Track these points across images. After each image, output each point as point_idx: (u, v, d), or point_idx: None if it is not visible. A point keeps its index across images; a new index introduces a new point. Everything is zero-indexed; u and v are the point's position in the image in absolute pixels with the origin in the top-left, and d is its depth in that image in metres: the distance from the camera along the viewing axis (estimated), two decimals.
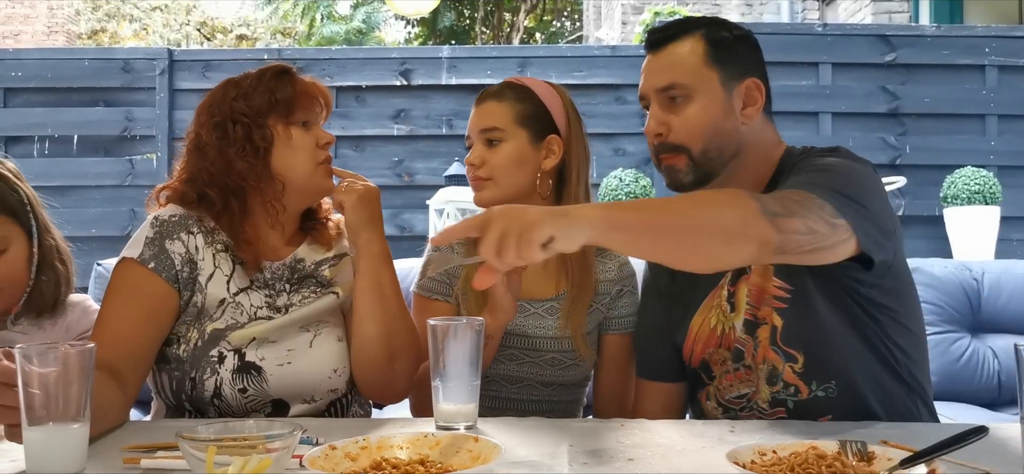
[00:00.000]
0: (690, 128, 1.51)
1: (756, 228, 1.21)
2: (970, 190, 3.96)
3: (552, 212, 1.15)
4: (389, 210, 4.41)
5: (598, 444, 1.29)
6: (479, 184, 1.76)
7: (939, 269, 3.00)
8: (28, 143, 4.50)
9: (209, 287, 1.59)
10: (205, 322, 1.57)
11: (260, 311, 1.61)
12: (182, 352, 1.56)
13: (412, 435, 1.21)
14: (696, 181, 1.53)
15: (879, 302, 1.47)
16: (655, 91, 1.55)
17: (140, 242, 1.58)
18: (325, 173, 1.66)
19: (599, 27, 13.13)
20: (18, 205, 1.66)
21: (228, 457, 0.99)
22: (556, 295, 1.78)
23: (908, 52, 4.45)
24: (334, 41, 15.33)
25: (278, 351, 1.58)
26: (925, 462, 1.07)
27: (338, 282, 1.70)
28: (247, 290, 1.62)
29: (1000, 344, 2.95)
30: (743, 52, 1.56)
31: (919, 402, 1.53)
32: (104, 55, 5.32)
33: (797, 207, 1.27)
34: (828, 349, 1.48)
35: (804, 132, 4.34)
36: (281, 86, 1.63)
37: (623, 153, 4.47)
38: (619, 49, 4.76)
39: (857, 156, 1.49)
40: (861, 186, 1.38)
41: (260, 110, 1.62)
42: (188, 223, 1.61)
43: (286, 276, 1.67)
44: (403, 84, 4.56)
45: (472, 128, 1.79)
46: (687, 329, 1.62)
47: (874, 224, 1.36)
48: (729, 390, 1.57)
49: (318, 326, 1.64)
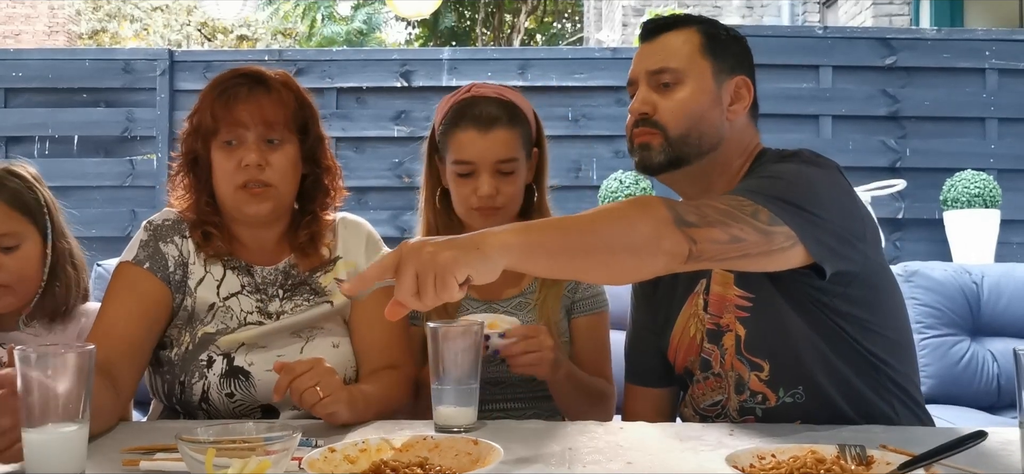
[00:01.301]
0: (675, 111, 1.49)
1: (668, 240, 1.22)
2: (970, 193, 3.96)
3: (465, 246, 1.12)
4: (389, 212, 4.42)
5: (597, 446, 1.29)
6: (490, 214, 1.71)
7: (939, 272, 3.00)
8: (28, 143, 4.49)
9: (199, 291, 1.60)
10: (196, 326, 1.58)
11: (251, 316, 1.61)
12: (173, 355, 1.57)
13: (411, 437, 1.21)
14: (667, 163, 1.50)
15: (845, 311, 1.44)
16: (646, 73, 1.52)
17: (135, 246, 1.61)
18: (246, 198, 1.58)
19: (599, 29, 13.13)
20: (34, 205, 1.70)
21: (227, 459, 0.99)
22: (522, 291, 1.79)
23: (908, 55, 4.45)
24: (335, 42, 15.33)
25: (267, 356, 1.57)
26: (924, 467, 1.07)
27: (333, 291, 1.67)
28: (238, 295, 1.62)
29: (999, 347, 2.95)
30: (737, 51, 1.56)
31: (896, 404, 1.49)
32: (105, 55, 5.32)
33: (718, 215, 1.26)
34: (793, 356, 1.46)
35: (804, 135, 4.34)
36: (214, 103, 1.59)
37: (623, 155, 4.46)
38: (620, 51, 4.76)
39: (821, 160, 1.45)
40: (813, 192, 1.35)
41: (198, 127, 1.61)
42: (181, 227, 1.64)
43: (279, 281, 1.65)
44: (404, 86, 4.56)
45: (484, 157, 1.70)
46: (669, 336, 1.61)
47: (827, 232, 1.34)
48: (703, 398, 1.57)
49: (311, 332, 1.63)
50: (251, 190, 1.57)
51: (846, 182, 1.45)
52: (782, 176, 1.38)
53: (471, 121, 1.71)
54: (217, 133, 1.58)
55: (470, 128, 1.71)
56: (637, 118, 1.53)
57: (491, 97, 1.74)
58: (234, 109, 1.57)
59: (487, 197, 1.70)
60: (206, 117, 1.58)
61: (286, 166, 1.61)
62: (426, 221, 1.84)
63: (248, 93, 1.58)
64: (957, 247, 3.98)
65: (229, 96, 1.58)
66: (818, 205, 1.34)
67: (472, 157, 1.70)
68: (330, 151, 1.73)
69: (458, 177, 1.72)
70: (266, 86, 1.60)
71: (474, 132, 1.70)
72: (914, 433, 1.37)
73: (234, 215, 1.63)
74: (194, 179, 1.63)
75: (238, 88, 1.59)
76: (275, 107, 1.59)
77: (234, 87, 1.59)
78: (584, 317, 1.81)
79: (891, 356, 1.49)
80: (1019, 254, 4.16)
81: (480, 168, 1.70)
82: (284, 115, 1.60)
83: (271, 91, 1.60)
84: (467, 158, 1.71)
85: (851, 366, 1.46)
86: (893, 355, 1.50)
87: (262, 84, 1.60)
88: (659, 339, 1.65)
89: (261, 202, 1.58)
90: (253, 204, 1.58)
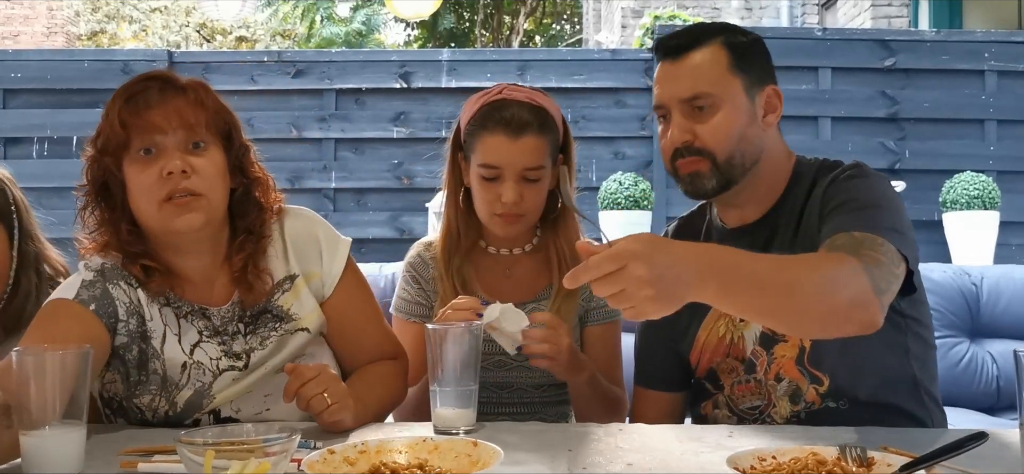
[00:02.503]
0: (717, 136, 1.48)
1: (866, 312, 1.25)
2: (969, 195, 3.96)
3: (705, 274, 1.14)
4: (388, 213, 4.42)
5: (598, 448, 1.28)
6: (513, 220, 1.68)
7: (938, 274, 3.00)
8: (27, 144, 4.49)
9: (165, 352, 1.44)
10: (172, 391, 1.45)
11: (220, 363, 1.47)
12: (151, 412, 1.46)
13: (411, 439, 1.21)
14: (719, 187, 1.50)
15: (908, 314, 1.49)
16: (679, 101, 1.49)
17: (74, 286, 1.43)
18: (172, 212, 1.38)
19: (599, 30, 13.13)
20: (3, 205, 1.62)
21: (226, 461, 0.99)
22: (535, 296, 1.77)
23: (907, 57, 4.46)
24: (334, 43, 15.32)
25: (254, 401, 1.49)
26: (925, 468, 1.06)
27: (300, 314, 1.51)
28: (200, 343, 1.47)
29: (999, 349, 2.95)
30: (760, 58, 1.55)
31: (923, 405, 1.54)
32: (104, 56, 5.31)
33: (884, 275, 1.29)
34: (857, 373, 1.48)
35: (803, 137, 4.34)
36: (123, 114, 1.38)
37: (623, 156, 4.47)
38: (619, 53, 4.76)
39: (880, 176, 1.51)
40: (899, 211, 1.43)
41: (105, 147, 1.40)
42: (126, 274, 1.46)
43: (237, 316, 1.49)
44: (403, 87, 4.56)
45: (511, 164, 1.65)
46: (694, 338, 1.59)
47: (913, 246, 1.39)
48: (742, 400, 1.55)
49: (299, 361, 1.50)
50: (176, 201, 1.37)
51: None
52: (881, 205, 1.42)
53: (501, 125, 1.66)
54: (129, 145, 1.38)
55: (499, 132, 1.66)
56: (680, 147, 1.50)
57: (522, 101, 1.68)
58: (147, 114, 1.38)
59: (510, 204, 1.66)
60: (114, 129, 1.38)
61: (214, 172, 1.42)
62: (447, 219, 1.81)
63: (160, 96, 1.40)
64: (956, 249, 3.98)
65: (138, 102, 1.39)
66: (906, 222, 1.42)
67: (499, 162, 1.66)
68: (258, 162, 1.54)
69: (483, 180, 1.68)
70: (180, 88, 1.43)
71: (503, 137, 1.65)
72: (914, 434, 1.37)
73: (162, 238, 1.43)
74: (106, 208, 1.44)
75: (147, 93, 1.40)
76: (193, 108, 1.41)
77: (143, 92, 1.40)
78: (598, 326, 1.79)
79: (927, 358, 1.55)
80: (1018, 256, 4.16)
81: (506, 174, 1.66)
82: (205, 117, 1.42)
83: (186, 93, 1.42)
84: (494, 162, 1.66)
85: (900, 376, 1.51)
86: (928, 356, 1.55)
87: (174, 86, 1.43)
88: (678, 342, 1.63)
89: (190, 213, 1.38)
90: (181, 217, 1.38)
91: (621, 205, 3.93)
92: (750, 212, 1.57)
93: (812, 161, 1.58)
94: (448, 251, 1.77)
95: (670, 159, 1.53)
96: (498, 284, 1.77)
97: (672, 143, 1.51)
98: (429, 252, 1.81)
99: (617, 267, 1.09)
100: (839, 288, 1.23)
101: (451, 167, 1.80)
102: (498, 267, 1.79)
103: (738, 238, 1.56)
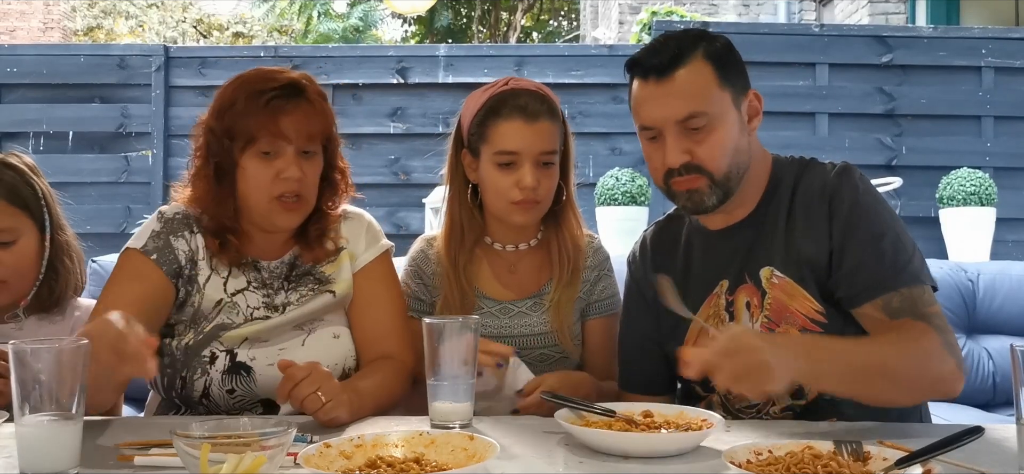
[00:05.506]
0: (714, 153, 1.47)
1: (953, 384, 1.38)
2: (966, 191, 3.96)
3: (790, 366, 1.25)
4: (385, 209, 4.41)
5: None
6: (530, 207, 1.69)
7: (934, 270, 2.91)
8: (23, 139, 4.48)
9: (206, 289, 1.59)
10: (201, 322, 1.58)
11: (257, 312, 1.61)
12: (175, 347, 1.56)
13: (407, 433, 1.21)
14: (719, 202, 1.51)
15: None
16: (673, 122, 1.47)
17: (145, 235, 1.60)
18: (279, 210, 1.56)
19: (596, 26, 13.13)
20: (32, 199, 1.67)
21: (222, 455, 0.99)
22: (538, 291, 1.78)
23: (904, 53, 4.45)
24: (331, 39, 15.32)
25: (269, 351, 1.58)
26: (921, 462, 1.07)
27: (336, 280, 1.67)
28: (244, 291, 1.62)
29: (995, 345, 2.96)
30: (738, 63, 1.54)
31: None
32: (100, 51, 5.30)
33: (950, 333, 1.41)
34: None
35: (800, 133, 4.34)
36: (254, 111, 1.54)
37: (619, 152, 4.46)
38: (616, 49, 4.76)
39: (867, 179, 1.53)
40: (903, 228, 1.50)
41: (229, 131, 1.55)
42: (190, 222, 1.62)
43: (284, 273, 1.65)
44: (400, 82, 4.55)
45: (529, 147, 1.66)
46: (683, 339, 1.58)
47: (924, 261, 1.50)
48: (739, 399, 1.53)
49: (313, 323, 1.64)
50: (285, 202, 1.56)
51: None
52: (892, 227, 1.48)
53: (517, 111, 1.67)
54: (255, 142, 1.54)
55: (516, 118, 1.67)
56: (677, 167, 1.49)
57: (531, 90, 1.71)
58: (279, 121, 1.53)
59: (530, 189, 1.66)
60: (245, 124, 1.54)
61: (316, 178, 1.61)
62: (450, 218, 1.79)
63: (291, 105, 1.55)
64: (953, 245, 3.99)
65: (273, 109, 1.53)
66: (908, 237, 1.50)
67: (517, 146, 1.66)
68: (341, 152, 1.71)
69: (499, 168, 1.68)
70: (305, 97, 1.57)
71: (520, 122, 1.66)
72: (911, 429, 1.38)
73: (261, 224, 1.60)
74: (218, 185, 1.58)
75: (281, 100, 1.54)
76: (316, 120, 1.57)
77: (276, 99, 1.54)
78: (599, 319, 1.80)
79: None
80: (1015, 252, 4.17)
81: (524, 158, 1.66)
82: (322, 128, 1.59)
83: (311, 103, 1.57)
84: (512, 148, 1.66)
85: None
86: None
87: (301, 95, 1.57)
88: (664, 346, 1.62)
89: (293, 213, 1.58)
90: (286, 217, 1.58)
91: (618, 201, 3.92)
92: (734, 214, 1.57)
93: (790, 160, 1.59)
94: (453, 250, 1.76)
95: (663, 178, 1.52)
96: (502, 280, 1.78)
97: (668, 164, 1.49)
98: (432, 248, 1.81)
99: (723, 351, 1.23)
100: (927, 365, 1.37)
101: (453, 166, 1.79)
102: (502, 263, 1.80)
103: (723, 240, 1.57)
